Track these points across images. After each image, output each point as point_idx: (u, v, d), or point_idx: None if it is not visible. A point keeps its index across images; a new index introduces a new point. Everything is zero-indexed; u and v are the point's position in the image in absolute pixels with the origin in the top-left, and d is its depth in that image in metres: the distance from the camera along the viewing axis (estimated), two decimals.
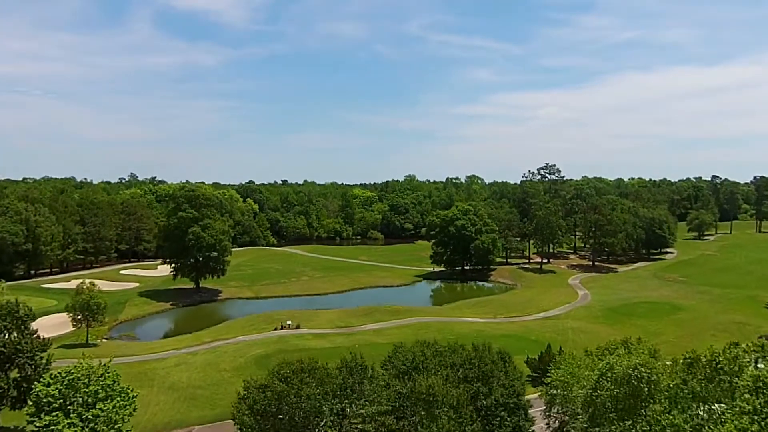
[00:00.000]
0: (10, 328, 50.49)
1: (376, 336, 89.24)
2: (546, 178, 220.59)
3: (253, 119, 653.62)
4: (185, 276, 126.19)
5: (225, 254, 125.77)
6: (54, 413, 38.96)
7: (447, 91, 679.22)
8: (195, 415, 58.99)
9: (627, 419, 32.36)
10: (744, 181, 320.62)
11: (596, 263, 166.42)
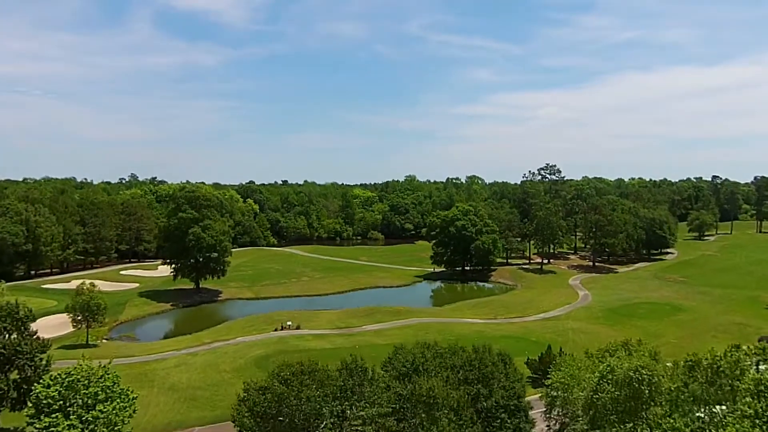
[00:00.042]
0: (10, 330, 50.42)
1: (377, 337, 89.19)
2: (546, 179, 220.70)
3: (253, 119, 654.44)
4: (185, 276, 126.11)
5: (225, 255, 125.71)
6: (54, 415, 38.87)
7: (447, 91, 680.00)
8: (195, 416, 58.94)
9: (628, 422, 32.33)
10: (744, 181, 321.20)
11: (597, 264, 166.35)
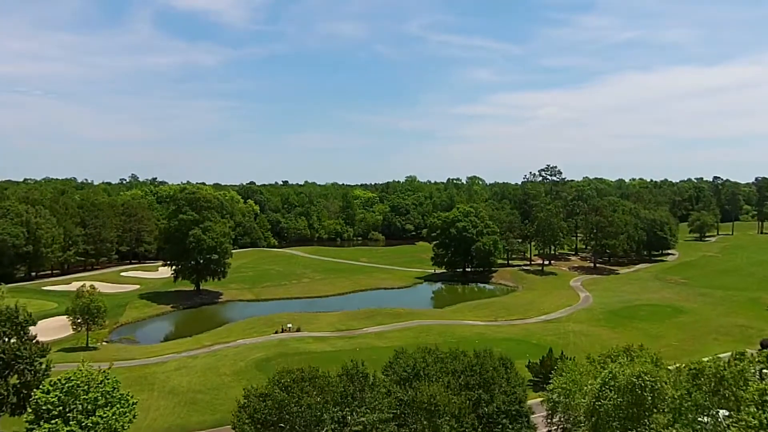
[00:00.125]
0: (10, 334, 50.23)
1: (377, 339, 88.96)
2: (547, 180, 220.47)
3: (253, 119, 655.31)
4: (186, 278, 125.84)
5: (226, 256, 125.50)
6: (53, 421, 38.52)
7: (447, 91, 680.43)
8: (195, 421, 58.72)
9: (630, 429, 32.13)
10: (745, 182, 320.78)
11: (597, 265, 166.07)
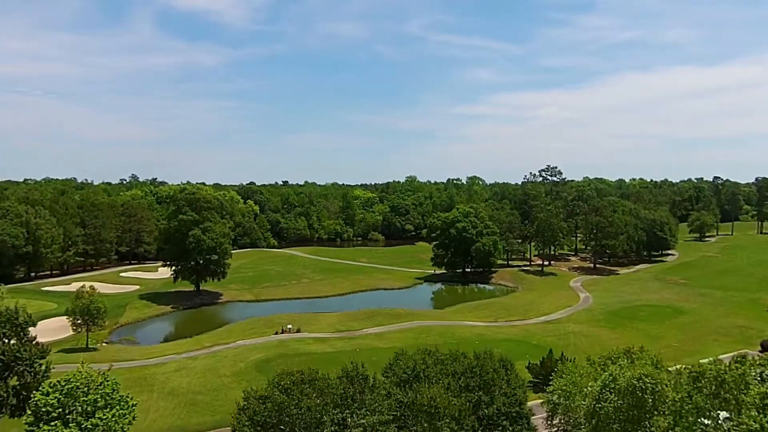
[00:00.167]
0: (9, 336, 50.18)
1: (377, 340, 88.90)
2: (547, 180, 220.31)
3: (253, 119, 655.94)
4: (185, 279, 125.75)
5: (225, 257, 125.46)
6: (53, 423, 38.50)
7: (447, 91, 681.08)
8: (195, 422, 58.67)
9: (631, 431, 32.06)
10: (745, 182, 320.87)
11: (597, 265, 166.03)
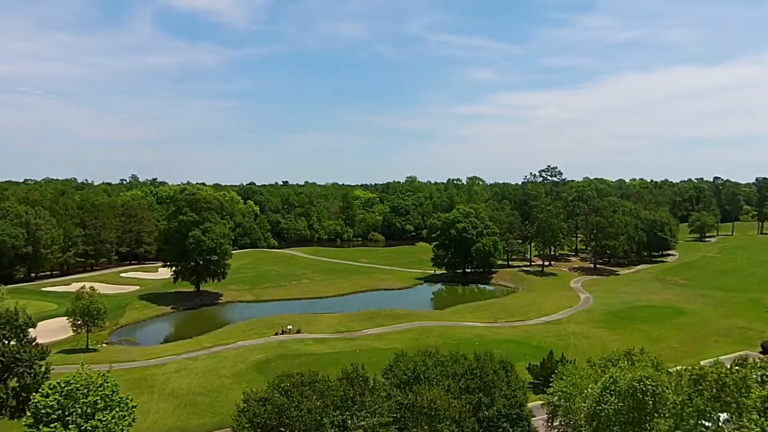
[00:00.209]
0: (9, 337, 50.11)
1: (378, 341, 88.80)
2: (547, 180, 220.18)
3: (253, 119, 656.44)
4: (186, 279, 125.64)
5: (225, 257, 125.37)
6: (52, 424, 38.44)
7: (447, 91, 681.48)
8: (195, 423, 58.62)
9: None
10: (745, 182, 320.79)
11: (598, 266, 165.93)
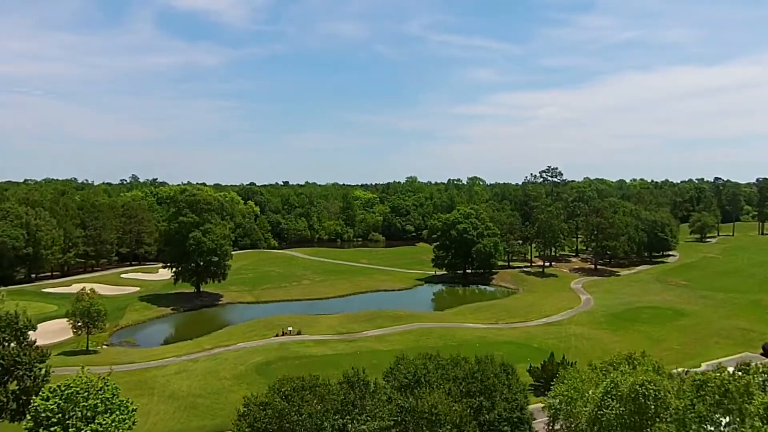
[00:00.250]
0: (9, 340, 50.02)
1: (378, 343, 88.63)
2: (548, 181, 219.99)
3: (253, 119, 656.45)
4: (186, 280, 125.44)
5: (226, 259, 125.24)
6: (52, 428, 38.40)
7: (447, 91, 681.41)
8: (195, 425, 58.52)
9: None
10: (746, 182, 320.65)
11: (598, 266, 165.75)
